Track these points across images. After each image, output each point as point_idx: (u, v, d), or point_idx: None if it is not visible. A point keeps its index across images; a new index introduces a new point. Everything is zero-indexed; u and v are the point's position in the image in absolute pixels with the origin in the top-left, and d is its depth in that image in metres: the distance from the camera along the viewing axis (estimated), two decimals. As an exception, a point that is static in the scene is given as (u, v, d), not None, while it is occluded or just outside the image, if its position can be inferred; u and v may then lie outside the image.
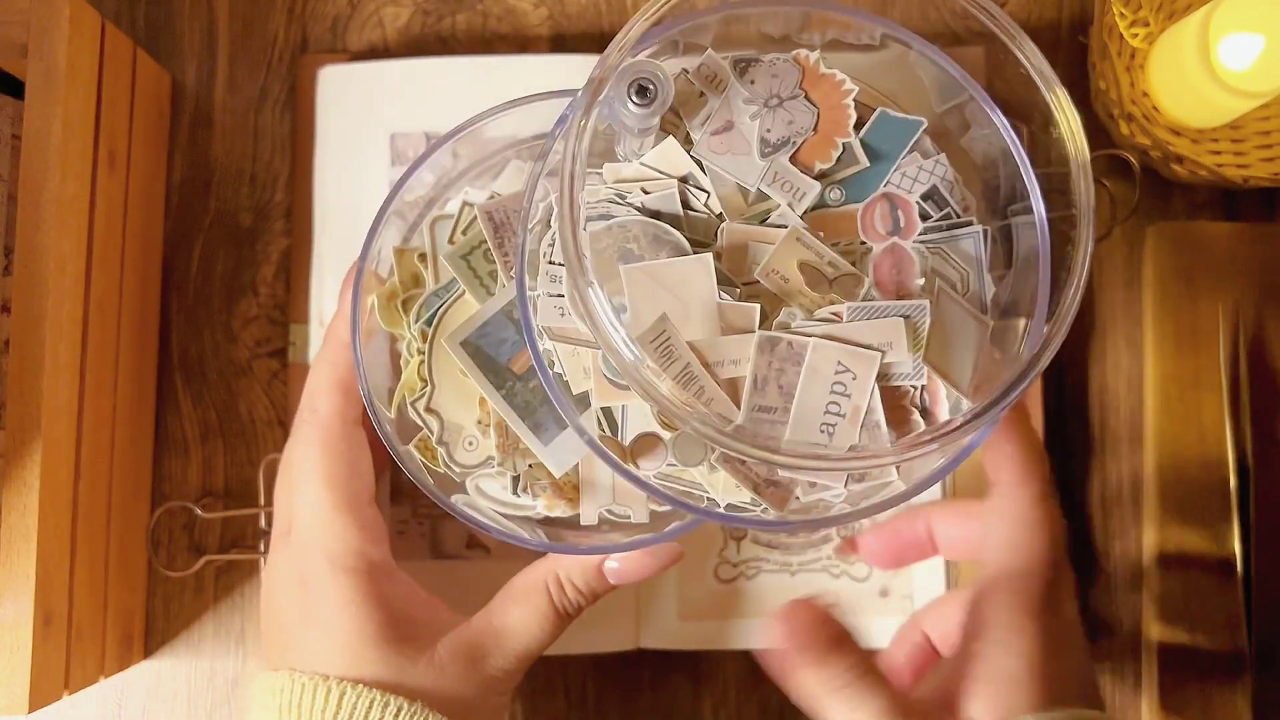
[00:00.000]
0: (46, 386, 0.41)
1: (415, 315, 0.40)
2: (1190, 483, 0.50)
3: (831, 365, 0.34)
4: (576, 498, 0.40)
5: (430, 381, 0.40)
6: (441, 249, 0.41)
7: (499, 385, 0.39)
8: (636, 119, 0.35)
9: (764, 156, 0.37)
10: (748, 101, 0.37)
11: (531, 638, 0.40)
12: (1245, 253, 0.51)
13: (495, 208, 0.40)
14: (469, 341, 0.39)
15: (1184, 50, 0.47)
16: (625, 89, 0.34)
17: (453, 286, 0.40)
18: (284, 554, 0.40)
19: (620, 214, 0.36)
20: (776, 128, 0.37)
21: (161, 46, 0.53)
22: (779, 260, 0.36)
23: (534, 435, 0.39)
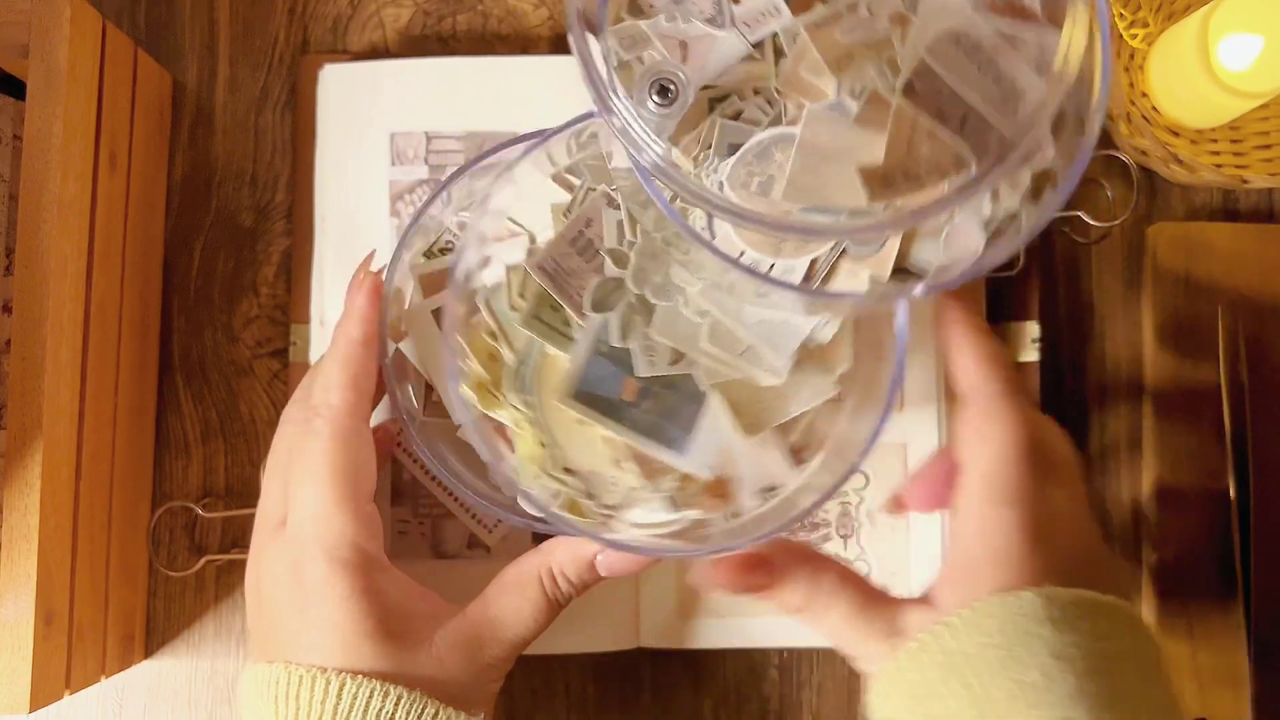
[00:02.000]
0: (48, 387, 0.41)
1: (511, 391, 0.41)
2: (1190, 483, 0.50)
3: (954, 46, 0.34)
4: (727, 492, 0.40)
5: (553, 443, 0.40)
6: (507, 319, 0.41)
7: (620, 419, 0.40)
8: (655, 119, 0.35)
9: (726, 26, 0.36)
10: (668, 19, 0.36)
11: (525, 627, 0.41)
12: (1244, 253, 0.51)
13: (544, 261, 0.40)
14: (579, 392, 0.39)
15: (1183, 51, 0.47)
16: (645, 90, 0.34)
17: (531, 349, 0.41)
18: (277, 546, 0.40)
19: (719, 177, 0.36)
20: (699, 3, 0.36)
21: (162, 47, 0.53)
22: (828, 51, 0.35)
23: (669, 449, 0.40)
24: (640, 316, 0.39)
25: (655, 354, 0.39)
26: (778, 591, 0.39)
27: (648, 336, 0.39)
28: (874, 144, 0.34)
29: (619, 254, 0.40)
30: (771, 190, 0.35)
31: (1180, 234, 0.51)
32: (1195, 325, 0.51)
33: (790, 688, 0.51)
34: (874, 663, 0.38)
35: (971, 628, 0.36)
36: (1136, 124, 0.50)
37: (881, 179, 0.34)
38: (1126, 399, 0.52)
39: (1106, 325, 0.53)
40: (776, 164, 0.35)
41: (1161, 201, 0.53)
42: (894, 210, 0.34)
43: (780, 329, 0.39)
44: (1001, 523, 0.37)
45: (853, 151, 0.34)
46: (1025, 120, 0.34)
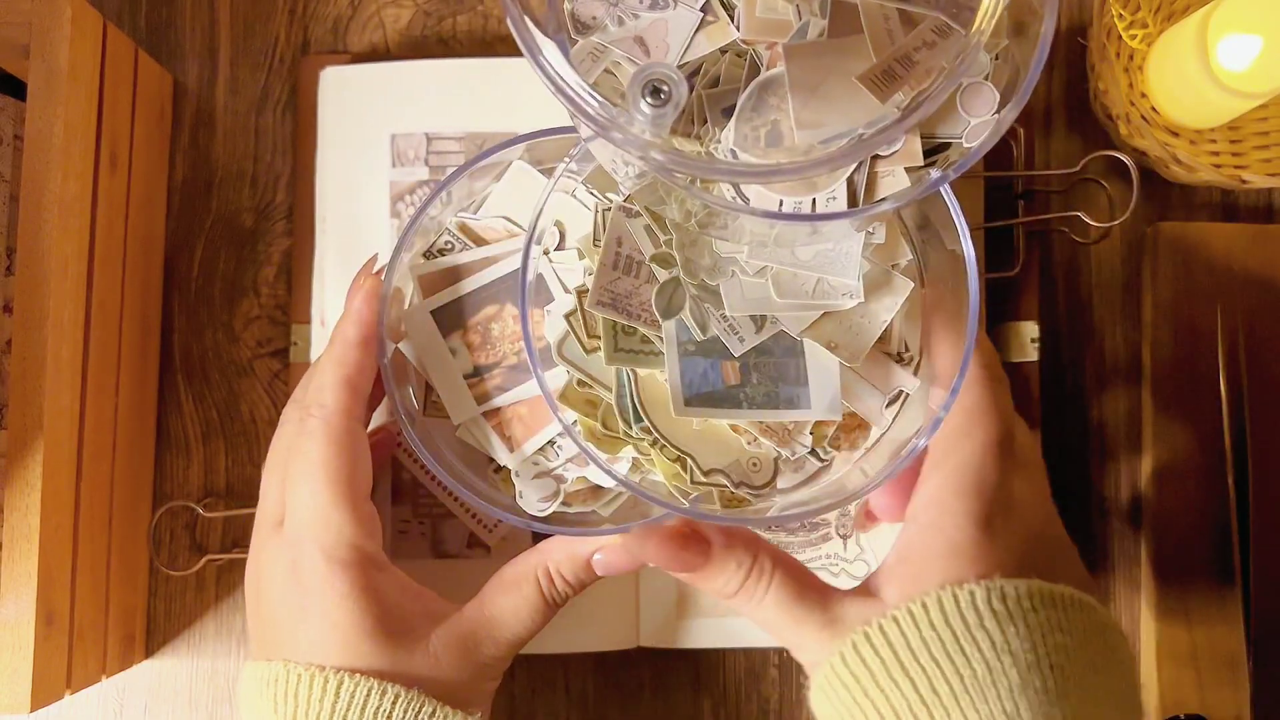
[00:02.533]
0: (48, 387, 0.42)
1: (625, 424, 0.41)
2: (1189, 482, 0.50)
3: None
4: (861, 423, 0.41)
5: (686, 455, 0.40)
6: (590, 364, 0.41)
7: (738, 404, 0.40)
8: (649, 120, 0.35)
9: (666, 7, 0.36)
10: (615, 24, 0.36)
11: (521, 626, 0.41)
12: (1243, 253, 0.51)
13: (599, 295, 0.40)
14: (690, 398, 0.39)
15: (1182, 51, 0.47)
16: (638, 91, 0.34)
17: (623, 379, 0.41)
18: (276, 545, 0.40)
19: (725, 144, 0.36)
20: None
21: (163, 47, 0.53)
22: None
23: (794, 408, 0.40)
24: (708, 303, 0.40)
25: (740, 330, 0.39)
26: (710, 572, 0.38)
27: (725, 318, 0.39)
28: (858, 50, 0.34)
29: (662, 256, 0.40)
30: (781, 135, 0.35)
31: (1179, 234, 0.51)
32: (1194, 325, 0.51)
33: (790, 687, 0.51)
34: (810, 654, 0.38)
35: (918, 622, 0.35)
36: (1136, 124, 0.50)
37: (882, 77, 0.33)
38: (1126, 398, 0.52)
39: (1106, 325, 0.53)
40: (774, 108, 0.35)
41: (1161, 201, 0.53)
42: (905, 105, 0.33)
43: (837, 254, 0.39)
44: (957, 514, 0.37)
45: (843, 65, 0.34)
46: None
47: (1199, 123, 0.50)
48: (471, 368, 0.45)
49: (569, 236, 0.45)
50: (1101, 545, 0.52)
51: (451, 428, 0.45)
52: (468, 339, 0.45)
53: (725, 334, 0.39)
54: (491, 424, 0.44)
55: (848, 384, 0.40)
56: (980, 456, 0.38)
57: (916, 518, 0.38)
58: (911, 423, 0.40)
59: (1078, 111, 0.54)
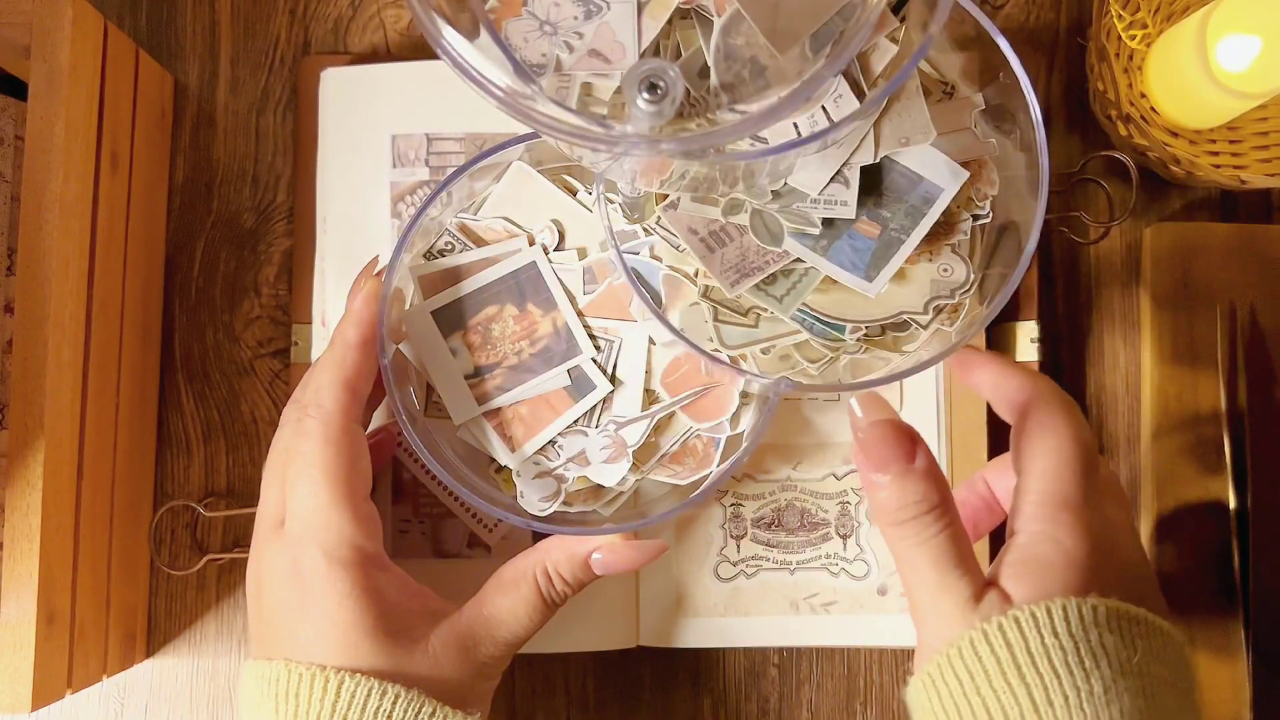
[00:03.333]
0: (49, 387, 0.42)
1: (833, 340, 0.42)
2: (1188, 483, 0.50)
3: None
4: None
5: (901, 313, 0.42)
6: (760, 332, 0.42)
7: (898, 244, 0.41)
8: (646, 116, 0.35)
9: (603, 6, 0.36)
10: (564, 50, 0.37)
11: (520, 625, 0.41)
12: (1243, 253, 0.51)
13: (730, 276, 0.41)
14: (868, 270, 0.41)
15: (1182, 52, 0.47)
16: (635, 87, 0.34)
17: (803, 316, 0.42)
18: (277, 545, 0.40)
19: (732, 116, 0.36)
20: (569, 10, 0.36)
21: (164, 48, 0.53)
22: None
23: (932, 201, 0.41)
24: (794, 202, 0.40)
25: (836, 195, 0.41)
26: (906, 482, 0.37)
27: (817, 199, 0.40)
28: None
29: (731, 204, 0.41)
30: (763, 66, 0.35)
31: (1179, 234, 0.51)
32: (1194, 325, 0.51)
33: (789, 687, 0.51)
34: (935, 628, 0.36)
35: (1043, 625, 0.35)
36: (1135, 124, 0.50)
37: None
38: (1125, 398, 0.52)
39: (1105, 325, 0.53)
40: (744, 46, 0.35)
41: (1160, 202, 0.53)
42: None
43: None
44: (1070, 528, 0.37)
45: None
46: None
47: (1198, 123, 0.50)
48: (472, 368, 0.45)
49: (568, 238, 0.45)
50: (1101, 545, 0.52)
51: (452, 428, 0.45)
52: (468, 339, 0.45)
53: (829, 207, 0.40)
54: (492, 424, 0.44)
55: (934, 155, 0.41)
56: (1067, 470, 0.38)
57: (1027, 526, 0.37)
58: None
59: (1077, 111, 0.54)
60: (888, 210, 0.41)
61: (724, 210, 0.41)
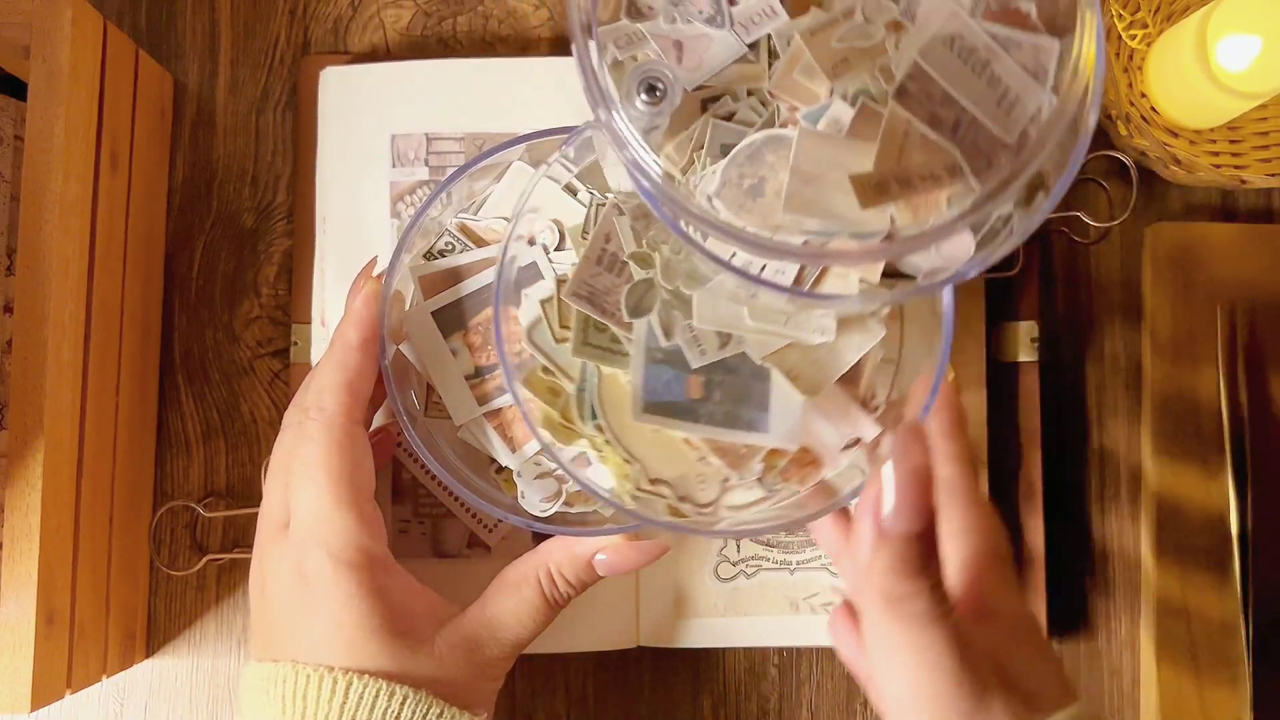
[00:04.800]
0: (49, 386, 0.42)
1: (580, 420, 0.41)
2: (1188, 483, 0.50)
3: (949, 51, 0.34)
4: (814, 458, 0.41)
5: (635, 460, 0.40)
6: (556, 352, 0.41)
7: (696, 418, 0.40)
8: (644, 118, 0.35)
9: (724, 26, 0.36)
10: (667, 21, 0.36)
11: (523, 627, 0.41)
12: (1243, 253, 0.51)
13: (578, 286, 0.41)
14: (649, 404, 0.39)
15: (1182, 52, 0.48)
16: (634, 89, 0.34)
17: (589, 374, 0.41)
18: (281, 547, 0.40)
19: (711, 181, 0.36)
20: (698, 4, 0.36)
21: (163, 47, 0.53)
22: (822, 57, 0.35)
23: (751, 432, 0.40)
24: (679, 310, 0.40)
25: (703, 342, 0.40)
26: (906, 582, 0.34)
27: (691, 328, 0.39)
28: (866, 155, 0.34)
29: (642, 255, 0.40)
30: (762, 192, 0.35)
31: (1179, 234, 0.51)
32: (1194, 325, 0.51)
33: (790, 686, 0.51)
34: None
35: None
36: (1135, 124, 0.50)
37: (874, 186, 0.33)
38: (1125, 398, 0.52)
39: (1106, 325, 0.53)
40: (769, 165, 0.35)
41: (1160, 201, 0.53)
42: (893, 239, 0.34)
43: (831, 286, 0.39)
44: (1023, 619, 0.38)
45: (846, 163, 0.34)
46: (1020, 128, 0.34)
47: (1198, 123, 0.50)
48: (473, 368, 0.45)
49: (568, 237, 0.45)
50: (1101, 545, 0.52)
51: (453, 428, 0.45)
52: (469, 340, 0.45)
53: (688, 344, 0.39)
54: (493, 424, 0.44)
55: (808, 418, 0.40)
56: (1009, 559, 0.39)
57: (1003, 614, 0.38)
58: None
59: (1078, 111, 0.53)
60: (720, 390, 0.41)
61: (632, 253, 0.41)
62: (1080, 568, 0.52)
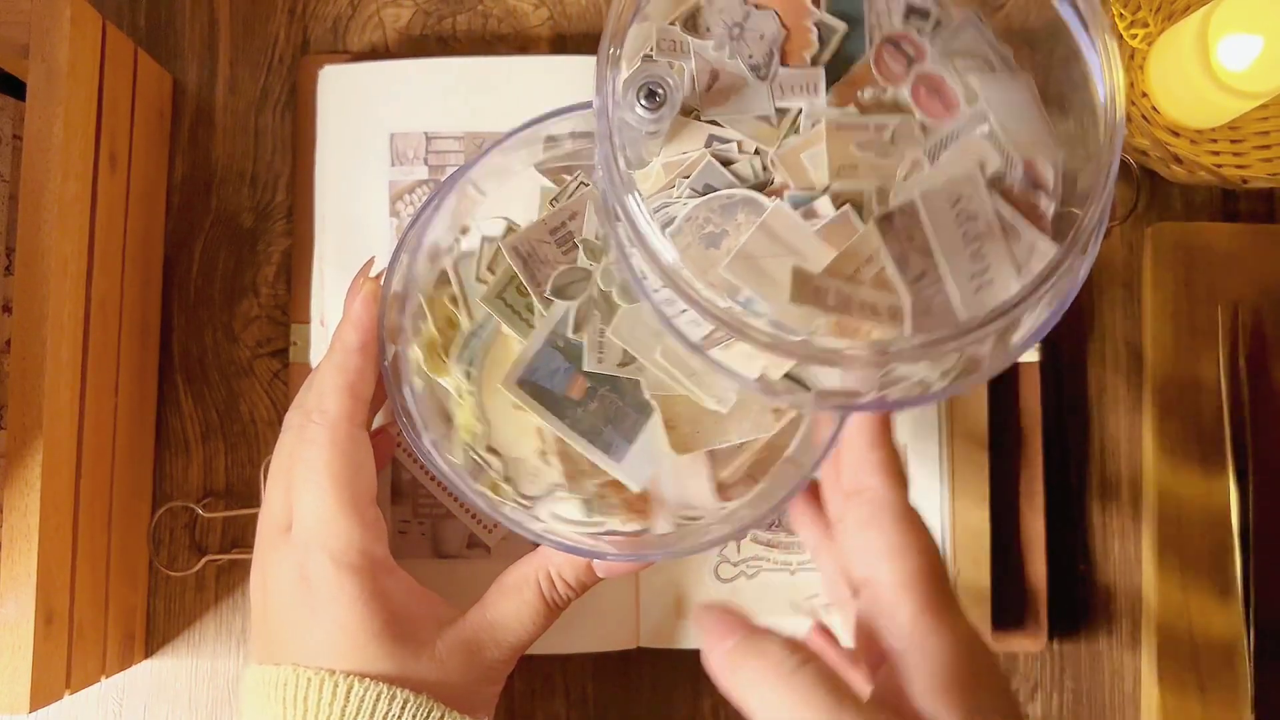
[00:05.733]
0: (48, 386, 0.42)
1: (458, 359, 0.41)
2: (1189, 483, 0.50)
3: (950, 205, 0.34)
4: (647, 510, 0.40)
5: (485, 421, 0.40)
6: (471, 289, 0.41)
7: (563, 415, 0.40)
8: (645, 123, 0.35)
9: (761, 80, 0.36)
10: (716, 47, 0.36)
11: (523, 630, 0.41)
12: (1244, 253, 0.51)
13: (519, 242, 0.40)
14: (525, 381, 0.39)
15: (1183, 51, 0.47)
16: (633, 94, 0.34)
17: (488, 323, 0.41)
18: (282, 550, 0.40)
19: (680, 210, 0.36)
20: (753, 48, 0.36)
21: (162, 47, 0.53)
22: (836, 153, 0.35)
23: (606, 455, 0.40)
24: (600, 312, 0.39)
25: (605, 352, 0.39)
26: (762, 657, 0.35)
27: (603, 334, 0.39)
28: (823, 257, 0.34)
29: (593, 246, 0.40)
30: (718, 245, 0.35)
31: (1180, 234, 0.51)
32: (1195, 325, 0.51)
33: (790, 688, 0.51)
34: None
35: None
36: (1136, 124, 0.50)
37: (813, 288, 0.33)
38: (1126, 398, 0.52)
39: (1106, 325, 0.53)
40: (736, 223, 0.35)
41: (1161, 201, 0.53)
42: (809, 342, 0.33)
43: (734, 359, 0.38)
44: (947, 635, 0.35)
45: (802, 254, 0.34)
46: (980, 313, 0.33)
47: (1199, 122, 0.50)
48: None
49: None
50: (1102, 545, 0.52)
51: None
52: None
53: (591, 346, 0.39)
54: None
55: (662, 470, 0.40)
56: (935, 577, 0.36)
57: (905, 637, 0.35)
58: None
59: (1079, 111, 0.53)
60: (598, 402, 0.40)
61: (585, 239, 0.40)
62: (1081, 568, 0.51)
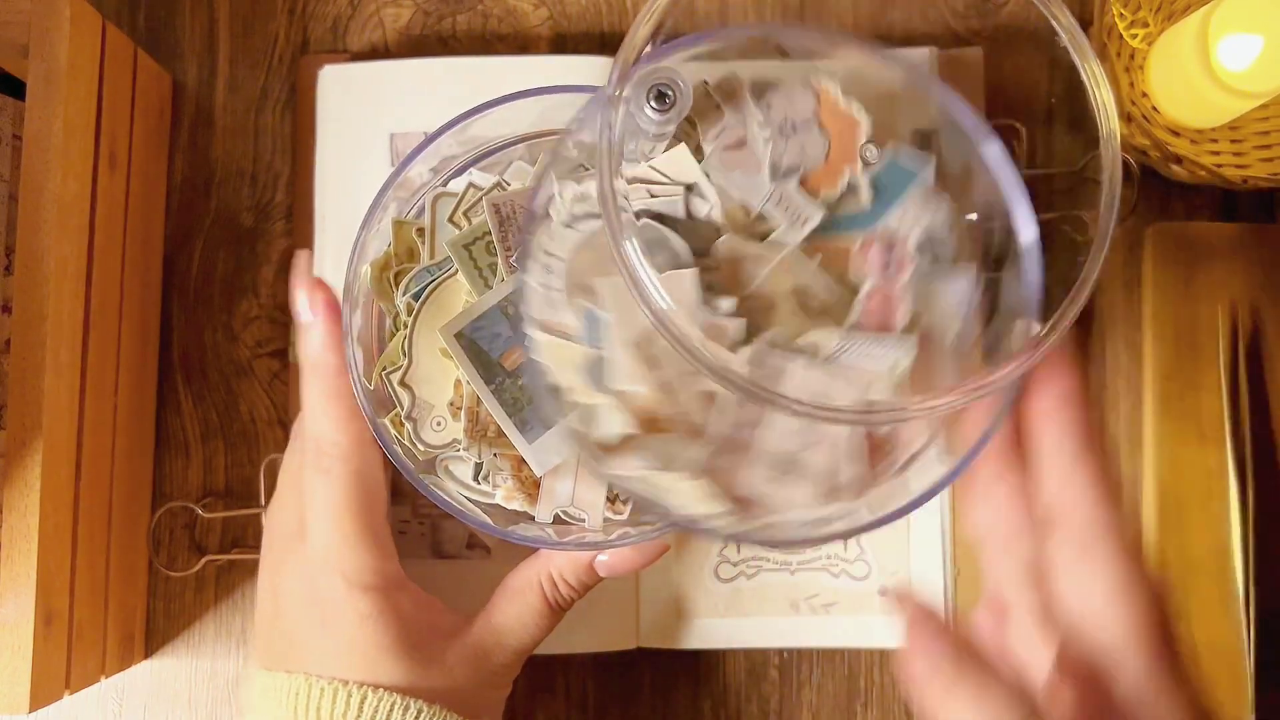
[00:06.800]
0: (47, 387, 0.41)
1: (404, 288, 0.40)
2: (1189, 483, 0.50)
3: (796, 430, 0.34)
4: (535, 494, 0.40)
5: (410, 356, 0.40)
6: (441, 227, 0.41)
7: (489, 380, 0.39)
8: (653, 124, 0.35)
9: (773, 179, 0.36)
10: (762, 125, 0.37)
11: (528, 633, 0.41)
12: (1244, 253, 0.51)
13: (502, 201, 0.40)
14: (463, 334, 0.39)
15: (1183, 51, 0.47)
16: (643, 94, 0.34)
17: (445, 265, 0.40)
18: (296, 559, 0.40)
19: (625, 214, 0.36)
20: (789, 153, 0.37)
21: (162, 47, 0.53)
22: (772, 281, 0.35)
23: (519, 432, 0.39)
24: (556, 293, 0.39)
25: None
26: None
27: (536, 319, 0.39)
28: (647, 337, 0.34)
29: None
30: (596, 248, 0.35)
31: (1180, 234, 0.51)
32: (1195, 325, 0.51)
33: (790, 688, 0.51)
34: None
35: None
36: (1136, 124, 0.50)
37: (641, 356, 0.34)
38: (1127, 398, 0.52)
39: (1106, 325, 0.53)
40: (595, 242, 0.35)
41: (1161, 201, 0.53)
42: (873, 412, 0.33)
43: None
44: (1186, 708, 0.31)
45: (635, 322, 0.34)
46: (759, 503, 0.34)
47: (1200, 122, 0.50)
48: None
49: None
50: (1102, 545, 0.51)
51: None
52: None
53: (528, 322, 0.39)
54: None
55: (568, 468, 0.40)
56: (1168, 616, 0.32)
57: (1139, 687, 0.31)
58: None
59: (1079, 110, 0.53)
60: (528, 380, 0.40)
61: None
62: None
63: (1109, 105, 0.36)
